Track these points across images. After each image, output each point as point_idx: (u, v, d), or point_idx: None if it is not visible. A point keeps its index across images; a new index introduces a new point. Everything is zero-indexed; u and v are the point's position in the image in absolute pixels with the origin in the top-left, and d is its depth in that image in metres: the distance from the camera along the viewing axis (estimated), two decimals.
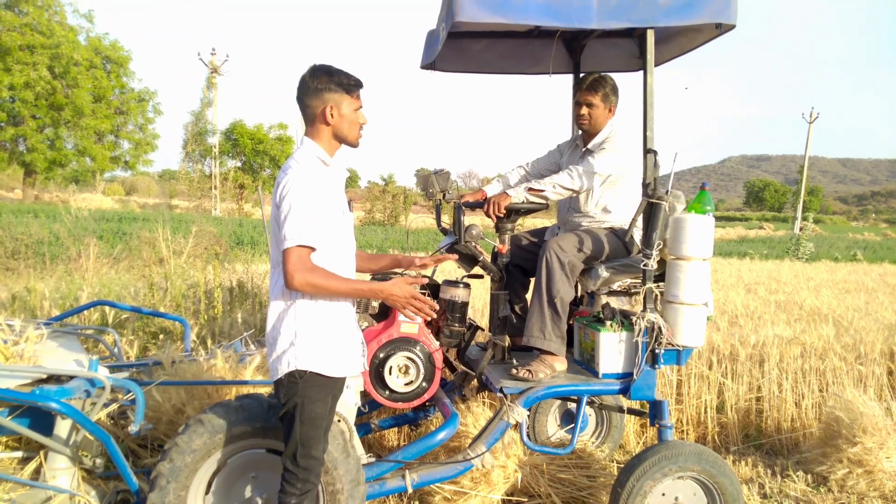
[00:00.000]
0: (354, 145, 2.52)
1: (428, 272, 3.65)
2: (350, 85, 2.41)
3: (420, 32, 4.47)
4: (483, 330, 3.89)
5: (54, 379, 2.85)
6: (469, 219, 3.34)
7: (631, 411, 3.93)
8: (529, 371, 3.17)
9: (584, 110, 3.53)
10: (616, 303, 3.55)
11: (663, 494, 3.00)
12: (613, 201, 3.51)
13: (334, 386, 2.44)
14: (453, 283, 3.38)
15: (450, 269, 6.34)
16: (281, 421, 2.45)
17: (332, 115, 2.40)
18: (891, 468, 3.99)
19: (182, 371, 3.56)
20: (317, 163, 2.41)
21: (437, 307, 2.43)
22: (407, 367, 3.22)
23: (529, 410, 3.17)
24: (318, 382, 2.37)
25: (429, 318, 2.58)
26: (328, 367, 2.39)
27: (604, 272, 3.32)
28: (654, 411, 3.25)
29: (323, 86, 2.37)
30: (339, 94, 2.39)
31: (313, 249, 2.29)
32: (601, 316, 3.25)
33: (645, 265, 3.03)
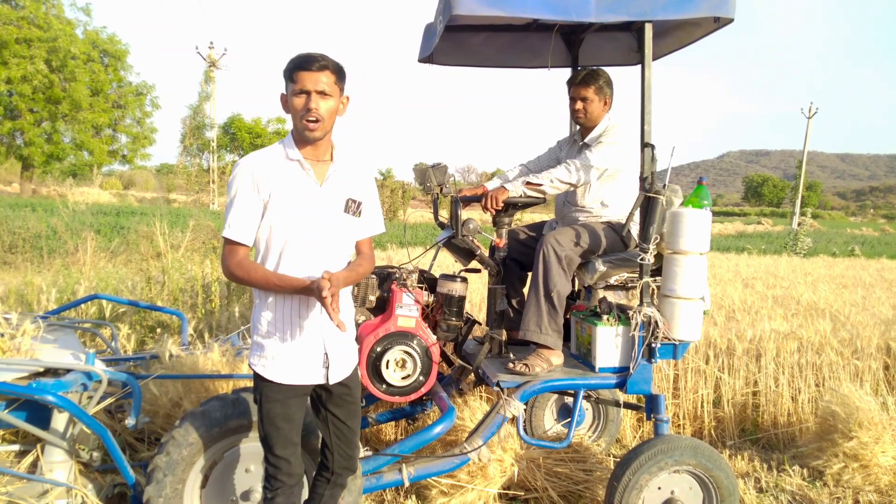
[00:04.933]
0: (304, 137, 2.24)
1: (425, 262, 3.65)
2: (286, 69, 2.21)
3: (418, 26, 4.45)
4: (480, 324, 3.89)
5: (51, 372, 2.84)
6: (466, 213, 3.34)
7: (627, 405, 3.94)
8: (526, 365, 3.17)
9: (579, 105, 3.54)
10: (613, 297, 3.55)
11: (659, 488, 3.01)
12: (611, 195, 3.51)
13: (289, 391, 2.31)
14: (450, 278, 3.38)
15: (447, 263, 6.34)
16: None
17: (283, 105, 2.27)
18: (886, 462, 4.00)
19: (179, 365, 3.55)
20: (275, 156, 2.27)
21: (336, 310, 2.09)
22: (404, 361, 3.22)
23: (526, 404, 3.17)
24: (270, 385, 2.30)
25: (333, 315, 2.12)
26: (272, 372, 2.29)
27: (601, 266, 3.31)
28: (651, 405, 3.26)
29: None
30: (285, 82, 2.24)
31: (239, 243, 2.22)
32: (598, 310, 3.25)
33: (642, 259, 3.03)
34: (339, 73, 2.24)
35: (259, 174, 2.22)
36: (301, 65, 2.17)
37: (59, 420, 2.80)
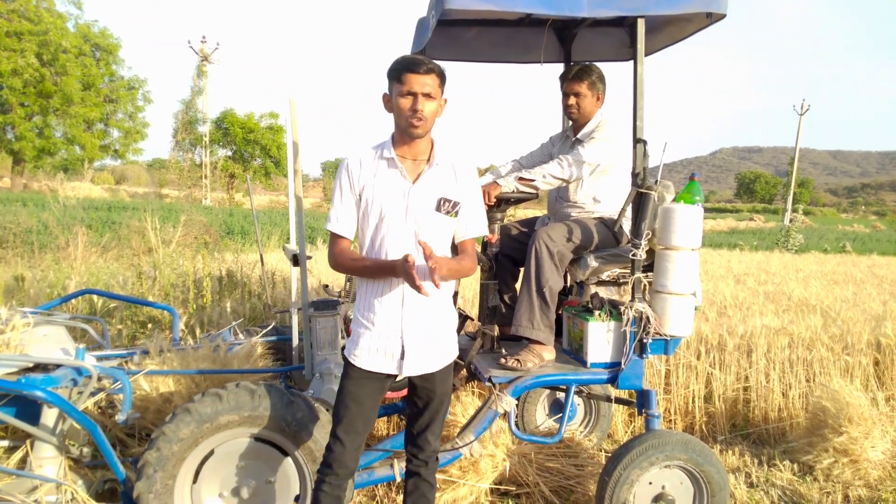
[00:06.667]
0: (407, 134, 2.35)
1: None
2: (392, 70, 2.34)
3: (411, 20, 4.45)
4: (472, 319, 3.89)
5: (41, 367, 2.83)
6: None
7: (619, 401, 3.95)
8: (518, 360, 3.17)
9: (572, 100, 3.53)
10: (605, 292, 3.56)
11: (650, 483, 3.02)
12: (603, 191, 3.51)
13: (366, 375, 2.42)
14: None
15: None
16: None
17: (386, 104, 2.41)
18: (875, 457, 4.03)
19: (170, 360, 3.53)
20: (372, 154, 2.41)
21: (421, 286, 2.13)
22: None
23: (518, 400, 3.18)
24: (352, 365, 2.44)
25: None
26: (352, 353, 2.44)
27: (593, 262, 3.32)
28: (642, 401, 3.26)
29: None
30: (390, 82, 2.37)
31: (340, 236, 2.40)
32: (590, 305, 3.26)
33: (634, 255, 3.03)
34: (442, 77, 2.36)
35: (354, 170, 2.40)
36: (410, 67, 2.29)
37: (49, 416, 2.79)
